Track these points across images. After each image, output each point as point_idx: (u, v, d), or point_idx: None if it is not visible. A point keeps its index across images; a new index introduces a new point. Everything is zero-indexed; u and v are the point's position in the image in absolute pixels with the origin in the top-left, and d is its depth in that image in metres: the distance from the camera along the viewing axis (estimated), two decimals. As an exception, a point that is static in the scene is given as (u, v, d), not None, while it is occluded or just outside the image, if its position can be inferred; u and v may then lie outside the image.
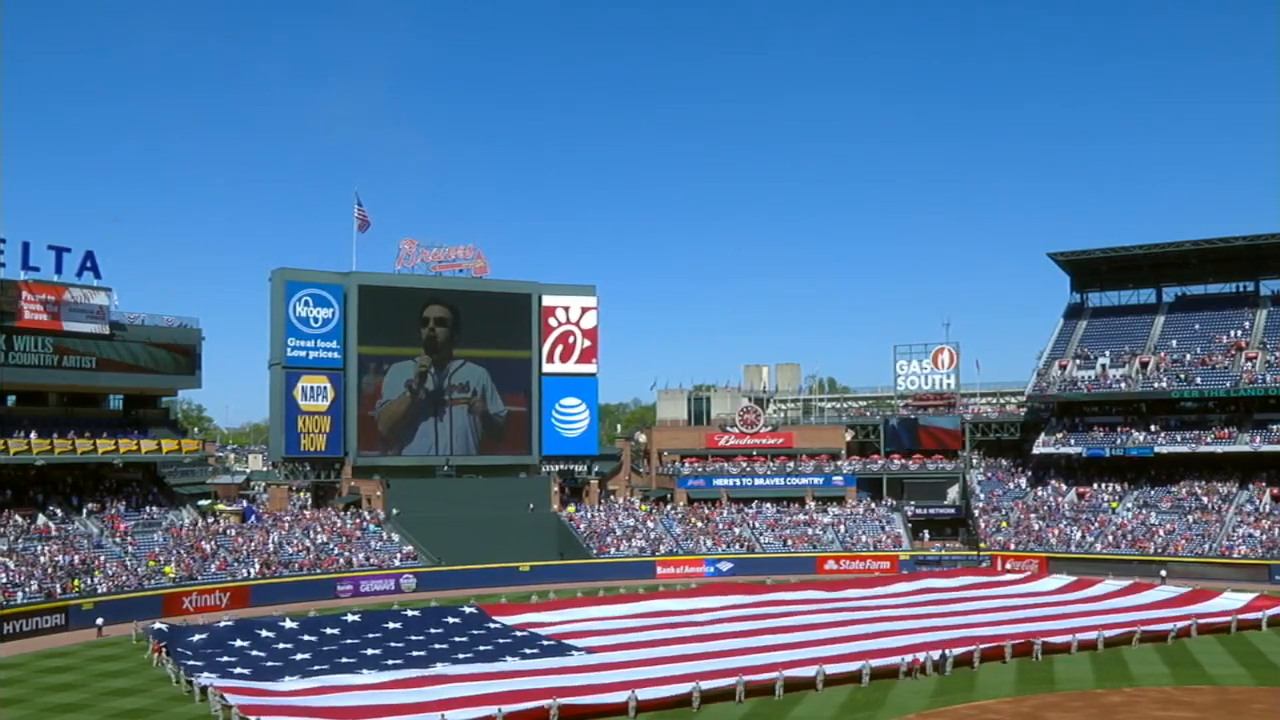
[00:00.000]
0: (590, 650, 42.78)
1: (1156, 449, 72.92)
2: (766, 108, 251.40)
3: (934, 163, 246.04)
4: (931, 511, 79.34)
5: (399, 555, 67.21)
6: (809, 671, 36.89)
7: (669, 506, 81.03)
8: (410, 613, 50.41)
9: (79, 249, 59.94)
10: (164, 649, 41.98)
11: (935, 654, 39.27)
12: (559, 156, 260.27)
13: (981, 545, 71.70)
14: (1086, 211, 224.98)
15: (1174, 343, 77.88)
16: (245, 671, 38.45)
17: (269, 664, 40.25)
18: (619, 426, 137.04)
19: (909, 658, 38.85)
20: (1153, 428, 74.49)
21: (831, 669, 37.35)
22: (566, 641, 44.65)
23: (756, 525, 77.13)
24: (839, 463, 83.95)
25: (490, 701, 32.66)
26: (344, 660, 41.12)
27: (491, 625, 48.78)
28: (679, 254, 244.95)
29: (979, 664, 39.61)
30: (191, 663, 39.48)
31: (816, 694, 35.75)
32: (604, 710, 33.00)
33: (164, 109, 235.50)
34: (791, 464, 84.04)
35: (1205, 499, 71.09)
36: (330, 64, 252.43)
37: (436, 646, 43.82)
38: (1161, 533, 68.09)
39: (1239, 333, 76.27)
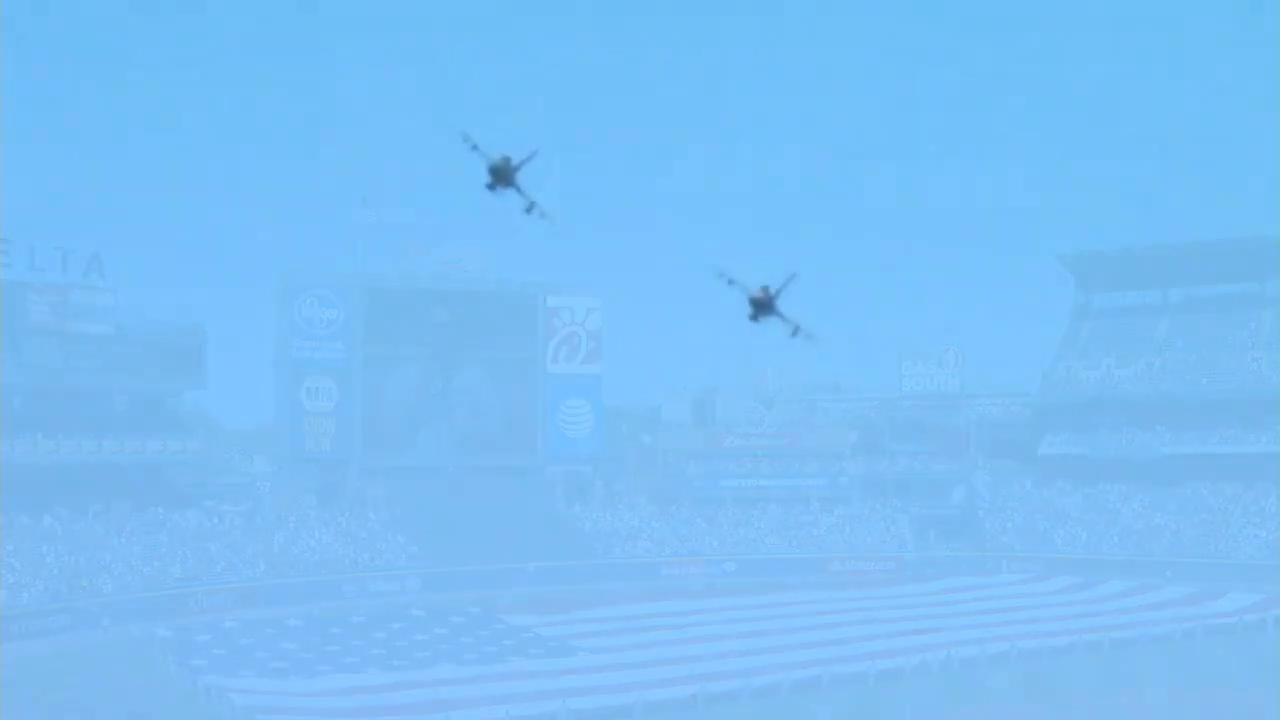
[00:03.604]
0: (595, 651, 42.74)
1: (1163, 450, 72.67)
2: (771, 108, 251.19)
3: (940, 163, 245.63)
4: (937, 512, 79.06)
5: (404, 556, 67.17)
6: (814, 673, 36.81)
7: (674, 507, 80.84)
8: (415, 613, 50.35)
9: (85, 250, 60.03)
10: (170, 649, 41.97)
11: (941, 655, 39.17)
12: (563, 157, 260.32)
13: (987, 546, 71.44)
14: (1093, 211, 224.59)
15: (1181, 343, 77.59)
16: (251, 673, 38.44)
17: (274, 664, 40.25)
18: (624, 427, 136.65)
19: (914, 659, 38.74)
20: (1159, 429, 74.25)
21: (837, 670, 37.26)
22: (571, 642, 44.62)
23: (761, 526, 76.98)
24: (844, 463, 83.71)
25: (495, 702, 32.62)
26: (349, 660, 41.08)
27: (496, 626, 48.75)
28: (685, 254, 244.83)
29: (985, 665, 39.48)
30: (197, 663, 39.47)
31: (822, 695, 35.65)
32: (609, 711, 32.91)
33: (171, 111, 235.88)
34: (796, 465, 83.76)
35: (1212, 500, 70.79)
36: (337, 66, 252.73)
37: (441, 647, 43.80)
38: (1168, 534, 67.84)
39: (1246, 333, 75.94)
